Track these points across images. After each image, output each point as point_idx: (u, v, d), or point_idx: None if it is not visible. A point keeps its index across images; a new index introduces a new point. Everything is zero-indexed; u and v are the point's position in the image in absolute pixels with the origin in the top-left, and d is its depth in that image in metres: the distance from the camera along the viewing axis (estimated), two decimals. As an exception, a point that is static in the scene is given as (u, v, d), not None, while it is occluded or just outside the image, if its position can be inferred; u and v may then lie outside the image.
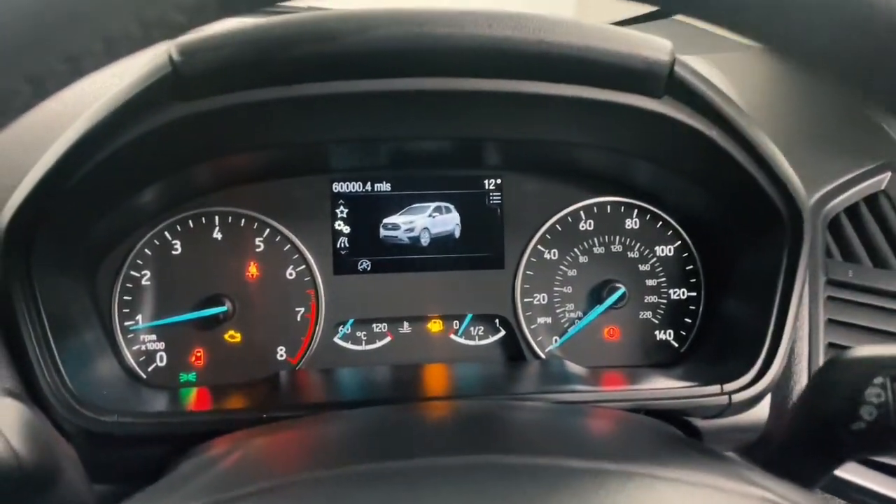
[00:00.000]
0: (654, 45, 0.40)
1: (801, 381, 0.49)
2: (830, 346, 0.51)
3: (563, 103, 0.43)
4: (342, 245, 0.54)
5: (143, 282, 0.52)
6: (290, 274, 0.53)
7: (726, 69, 0.61)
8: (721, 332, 0.54)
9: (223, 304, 0.52)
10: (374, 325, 0.55)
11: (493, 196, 0.55)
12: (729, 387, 0.46)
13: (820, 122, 0.60)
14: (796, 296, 0.47)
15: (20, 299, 0.43)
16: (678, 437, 0.38)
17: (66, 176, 0.42)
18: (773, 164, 0.46)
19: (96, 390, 0.45)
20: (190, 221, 0.52)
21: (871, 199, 0.56)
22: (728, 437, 0.49)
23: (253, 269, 0.53)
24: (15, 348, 0.43)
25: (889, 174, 0.55)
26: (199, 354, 0.53)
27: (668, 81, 0.41)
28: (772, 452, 0.37)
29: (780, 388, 0.48)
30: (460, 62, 0.40)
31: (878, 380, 0.33)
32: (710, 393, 0.46)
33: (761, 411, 0.48)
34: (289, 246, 0.53)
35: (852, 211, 0.55)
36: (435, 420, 0.35)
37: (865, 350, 0.34)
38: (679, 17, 0.69)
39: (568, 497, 0.24)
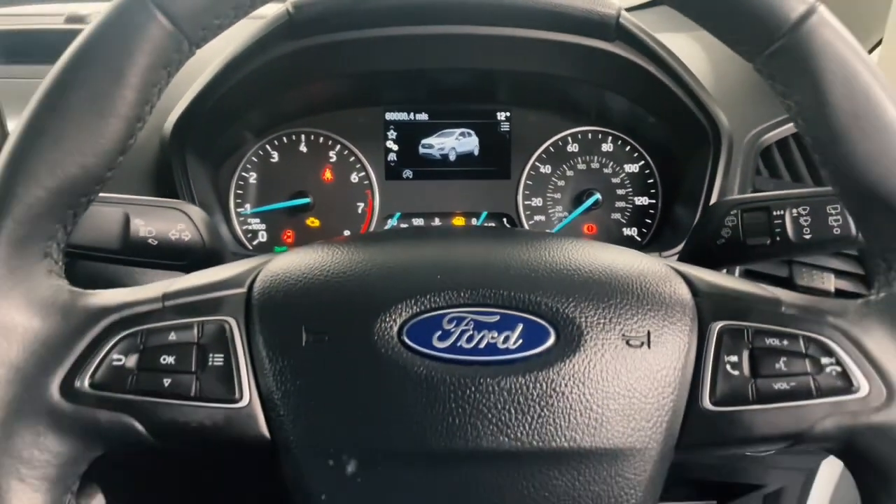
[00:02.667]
0: (605, 3, 0.59)
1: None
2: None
3: (549, 44, 0.62)
4: (391, 158, 0.74)
5: (251, 181, 0.73)
6: (354, 178, 0.74)
7: (707, 43, 0.79)
8: (672, 228, 0.72)
9: (307, 198, 0.72)
10: (414, 219, 0.75)
11: (503, 125, 0.74)
12: (665, 253, 0.65)
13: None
14: (715, 194, 0.65)
15: (180, 182, 0.63)
16: None
17: (208, 98, 0.63)
18: (700, 95, 0.64)
19: None
20: (284, 138, 0.73)
21: (798, 136, 0.73)
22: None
23: (328, 174, 0.74)
24: None
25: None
26: (288, 234, 0.73)
27: (616, 30, 0.60)
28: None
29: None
30: (479, 14, 0.59)
31: (734, 211, 0.51)
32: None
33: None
34: (353, 158, 0.74)
35: (783, 143, 0.73)
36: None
37: (731, 197, 0.52)
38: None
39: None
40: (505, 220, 0.75)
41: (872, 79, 0.35)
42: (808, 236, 0.49)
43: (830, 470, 0.85)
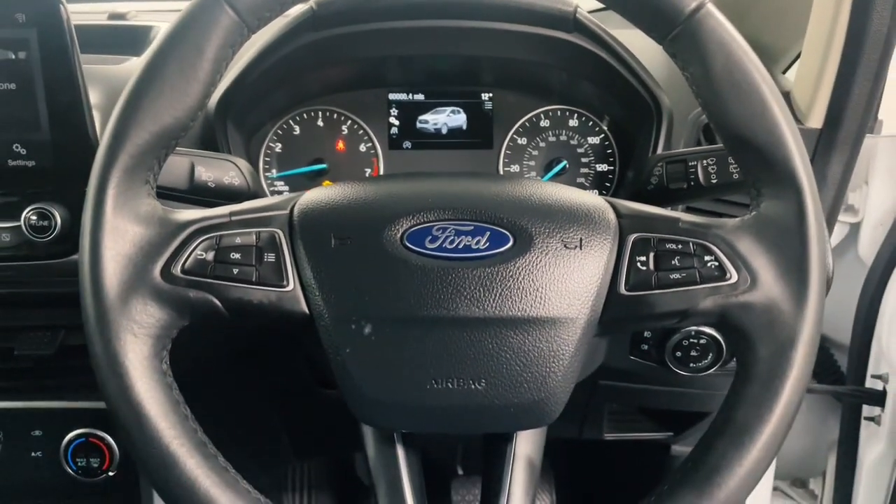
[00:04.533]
0: (564, 2, 0.74)
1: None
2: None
3: (521, 35, 0.77)
4: (393, 132, 0.88)
5: (276, 149, 0.87)
6: (362, 148, 0.88)
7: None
8: (625, 189, 0.87)
9: (323, 164, 0.87)
10: (412, 182, 0.89)
11: (486, 104, 0.89)
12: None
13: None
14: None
15: (223, 149, 0.78)
16: None
17: (244, 80, 0.77)
18: (645, 79, 0.78)
19: None
20: (304, 114, 0.87)
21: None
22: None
23: (340, 144, 0.88)
24: None
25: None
26: (307, 194, 0.88)
27: (574, 23, 0.75)
28: None
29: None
30: (463, 10, 0.74)
31: (660, 163, 0.66)
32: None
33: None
34: (361, 131, 0.88)
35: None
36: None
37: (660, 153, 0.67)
38: None
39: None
40: (488, 183, 0.89)
41: (745, 56, 0.50)
42: (714, 181, 0.63)
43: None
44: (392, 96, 0.88)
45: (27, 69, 0.66)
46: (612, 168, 0.89)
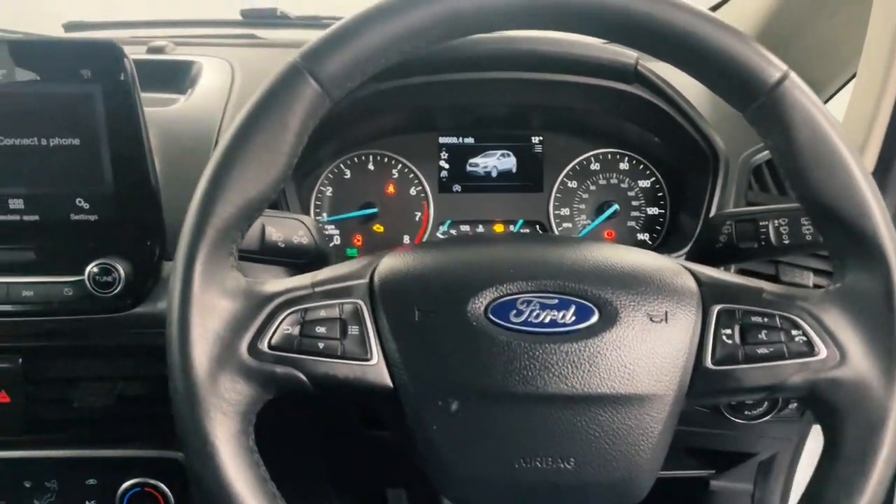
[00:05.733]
0: (626, 54, 0.74)
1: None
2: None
3: (579, 86, 0.76)
4: (443, 175, 0.88)
5: (327, 193, 0.87)
6: (413, 192, 0.88)
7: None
8: (679, 234, 0.87)
9: (374, 208, 0.86)
10: (461, 225, 0.89)
11: (536, 147, 0.88)
12: (673, 255, 0.79)
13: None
14: (714, 207, 0.79)
15: (280, 195, 0.77)
16: None
17: None
18: (701, 127, 0.78)
19: None
20: (355, 158, 0.87)
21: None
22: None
23: (391, 188, 0.88)
24: None
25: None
26: (358, 238, 0.88)
27: (635, 74, 0.74)
28: None
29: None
30: (525, 62, 0.74)
31: (729, 222, 0.65)
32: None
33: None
34: (412, 174, 0.88)
35: (770, 162, 0.87)
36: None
37: (726, 210, 0.66)
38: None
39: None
40: (538, 226, 0.89)
41: (830, 128, 0.49)
42: (786, 241, 0.63)
43: (818, 438, 0.99)
44: (442, 140, 0.88)
45: (91, 124, 0.66)
46: (662, 212, 0.88)
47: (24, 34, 1.17)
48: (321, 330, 0.50)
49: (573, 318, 0.50)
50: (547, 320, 0.50)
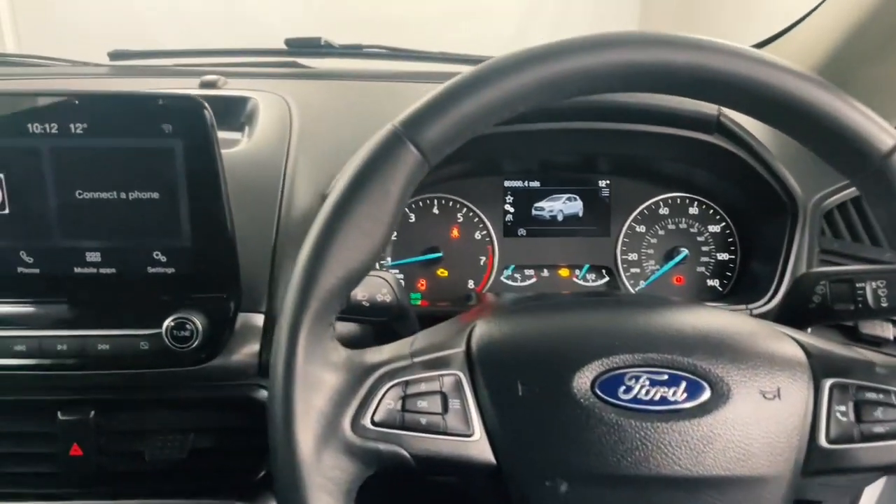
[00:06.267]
0: (709, 105, 0.72)
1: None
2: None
3: (656, 136, 0.75)
4: (508, 219, 0.87)
5: (392, 238, 0.86)
6: (477, 236, 0.87)
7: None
8: (750, 281, 0.85)
9: (438, 252, 0.85)
10: (526, 270, 0.88)
11: (603, 191, 0.87)
12: (751, 306, 0.77)
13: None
14: (793, 255, 0.77)
15: None
16: None
17: None
18: (779, 173, 0.76)
19: None
20: (420, 202, 0.86)
21: (857, 199, 0.85)
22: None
23: (455, 232, 0.87)
24: None
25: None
26: (422, 283, 0.86)
27: (717, 125, 0.73)
28: None
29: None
30: (604, 113, 0.73)
31: (823, 282, 0.64)
32: (740, 310, 0.77)
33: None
34: (477, 218, 0.87)
35: (842, 206, 0.85)
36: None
37: (819, 269, 0.65)
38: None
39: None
40: (604, 271, 0.87)
41: None
42: (884, 304, 0.61)
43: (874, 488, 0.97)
44: (508, 183, 0.87)
45: (171, 178, 0.65)
46: (733, 257, 0.87)
47: (69, 62, 1.18)
48: (423, 404, 0.49)
49: (684, 394, 0.48)
50: (657, 397, 0.48)
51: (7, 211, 0.65)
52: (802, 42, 1.01)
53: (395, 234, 0.86)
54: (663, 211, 0.87)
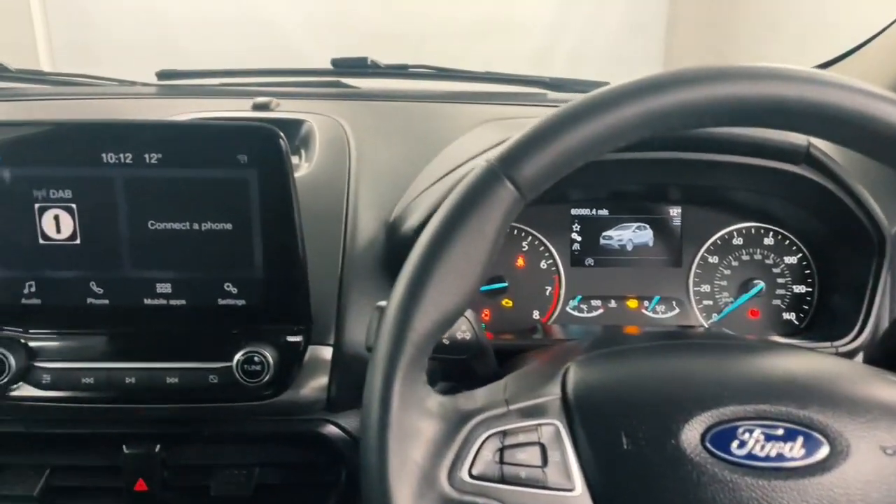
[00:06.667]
0: (796, 137, 0.70)
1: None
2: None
3: (739, 166, 0.72)
4: (575, 248, 0.85)
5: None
6: (543, 265, 0.84)
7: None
8: (829, 315, 0.81)
9: (503, 282, 0.83)
10: (593, 301, 0.85)
11: (674, 220, 0.84)
12: (836, 343, 0.74)
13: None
14: (880, 290, 0.74)
15: None
16: None
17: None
18: (867, 204, 0.73)
19: None
20: (484, 230, 0.84)
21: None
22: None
23: (520, 261, 0.84)
24: None
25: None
26: (486, 313, 0.84)
27: (805, 156, 0.70)
28: None
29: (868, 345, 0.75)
30: (676, 143, 0.70)
31: None
32: (824, 346, 0.74)
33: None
34: (543, 247, 0.84)
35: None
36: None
37: None
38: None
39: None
40: (674, 303, 0.84)
41: None
42: None
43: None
44: (575, 211, 0.84)
45: (245, 209, 0.64)
46: (810, 290, 0.83)
47: (116, 81, 1.18)
48: (522, 456, 0.46)
49: (801, 450, 0.45)
50: (773, 454, 0.45)
51: (78, 241, 0.65)
52: (872, 62, 0.98)
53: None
54: (737, 241, 0.84)
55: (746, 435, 0.46)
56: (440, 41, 3.22)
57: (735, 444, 0.46)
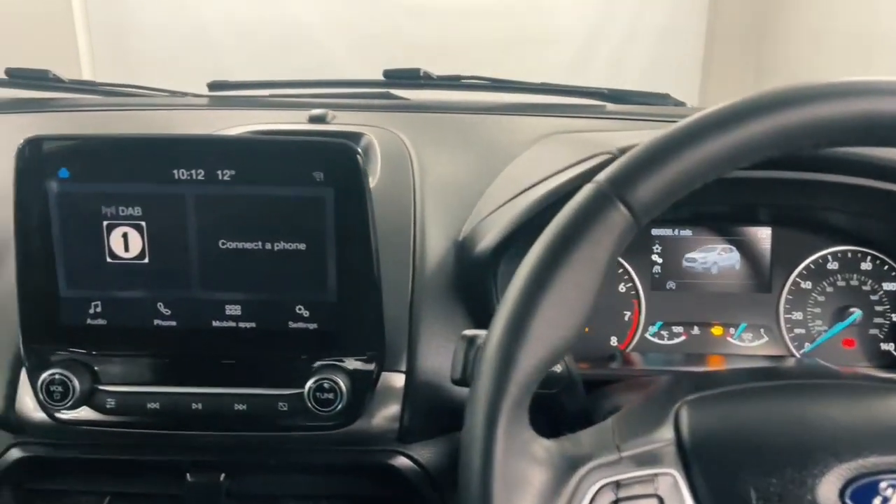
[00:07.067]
0: None
1: None
2: None
3: (836, 185, 0.67)
4: (656, 271, 0.80)
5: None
6: (622, 289, 0.80)
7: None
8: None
9: (580, 306, 0.79)
10: (674, 327, 0.80)
11: (764, 242, 0.79)
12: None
13: None
14: None
15: (495, 296, 0.71)
16: None
17: (523, 223, 0.70)
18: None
19: None
20: (559, 251, 0.80)
21: None
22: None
23: (598, 284, 0.80)
24: None
25: None
26: (561, 338, 0.80)
27: None
28: None
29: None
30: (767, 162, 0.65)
31: None
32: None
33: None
34: (622, 270, 0.80)
35: None
36: None
37: None
38: None
39: None
40: (762, 330, 0.79)
41: None
42: None
43: None
44: (655, 232, 0.80)
45: (319, 229, 0.61)
46: (913, 319, 0.77)
47: (168, 92, 1.17)
48: None
49: None
50: (924, 513, 0.40)
51: (146, 260, 0.62)
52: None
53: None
54: (832, 266, 0.78)
55: (890, 490, 0.41)
56: (476, 52, 3.20)
57: (878, 500, 0.41)
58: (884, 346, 0.78)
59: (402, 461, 0.66)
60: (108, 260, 0.62)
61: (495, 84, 1.17)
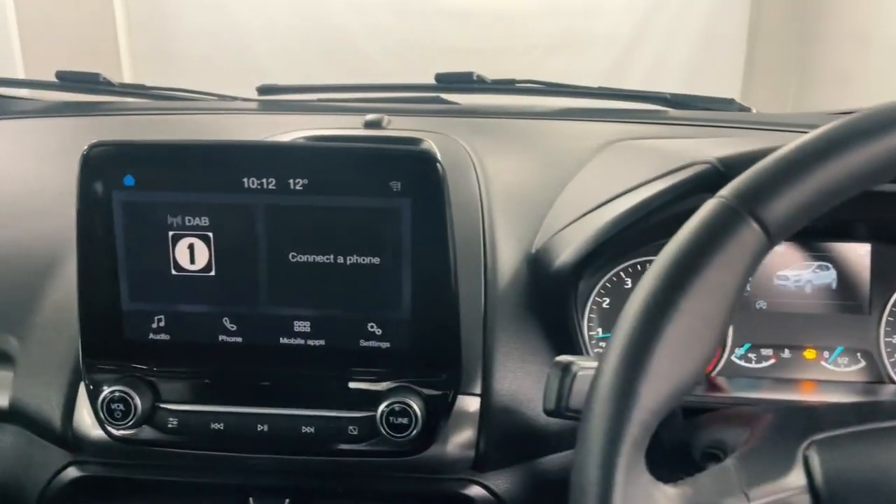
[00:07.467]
0: None
1: None
2: None
3: None
4: (746, 289, 0.74)
5: (604, 305, 0.75)
6: (706, 307, 0.74)
7: None
8: None
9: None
10: (763, 349, 0.74)
11: (863, 260, 0.73)
12: None
13: None
14: None
15: (574, 313, 0.66)
16: None
17: (607, 239, 0.65)
18: None
19: None
20: (637, 265, 0.75)
21: None
22: None
23: (680, 302, 0.75)
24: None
25: None
26: (639, 359, 0.75)
27: None
28: None
29: None
30: None
31: None
32: None
33: None
34: (705, 287, 0.75)
35: None
36: None
37: None
38: None
39: None
40: (860, 355, 0.73)
41: None
42: None
43: None
44: (745, 248, 0.74)
45: (395, 242, 0.57)
46: None
47: (217, 96, 1.14)
48: None
49: None
50: None
51: (213, 273, 0.59)
52: None
53: (608, 300, 0.75)
54: (938, 285, 0.72)
55: None
56: (514, 57, 3.16)
57: None
58: None
59: (476, 490, 0.62)
60: (173, 272, 0.59)
61: (551, 88, 1.12)
